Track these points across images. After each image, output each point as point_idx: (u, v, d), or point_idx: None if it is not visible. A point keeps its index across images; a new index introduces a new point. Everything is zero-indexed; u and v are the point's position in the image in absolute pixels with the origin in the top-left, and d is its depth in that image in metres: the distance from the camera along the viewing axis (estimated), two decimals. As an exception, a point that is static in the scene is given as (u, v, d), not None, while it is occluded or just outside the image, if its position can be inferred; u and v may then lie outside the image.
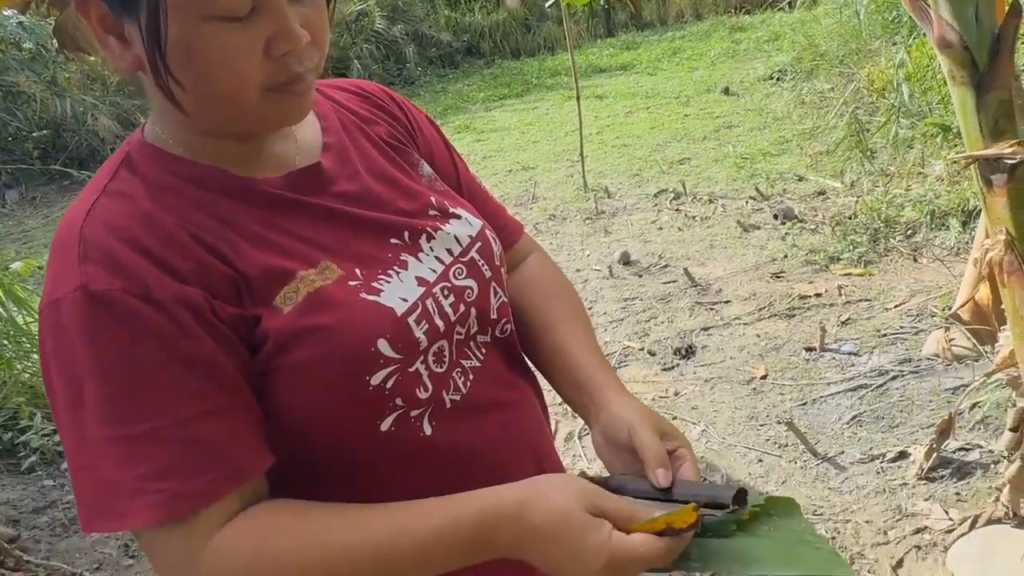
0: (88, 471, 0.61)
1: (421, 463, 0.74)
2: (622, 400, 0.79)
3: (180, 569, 0.63)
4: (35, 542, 2.41)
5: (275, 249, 0.68)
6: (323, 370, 0.66)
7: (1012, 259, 1.46)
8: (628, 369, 3.03)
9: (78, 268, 0.60)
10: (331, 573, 0.63)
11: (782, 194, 4.44)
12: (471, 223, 0.82)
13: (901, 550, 1.81)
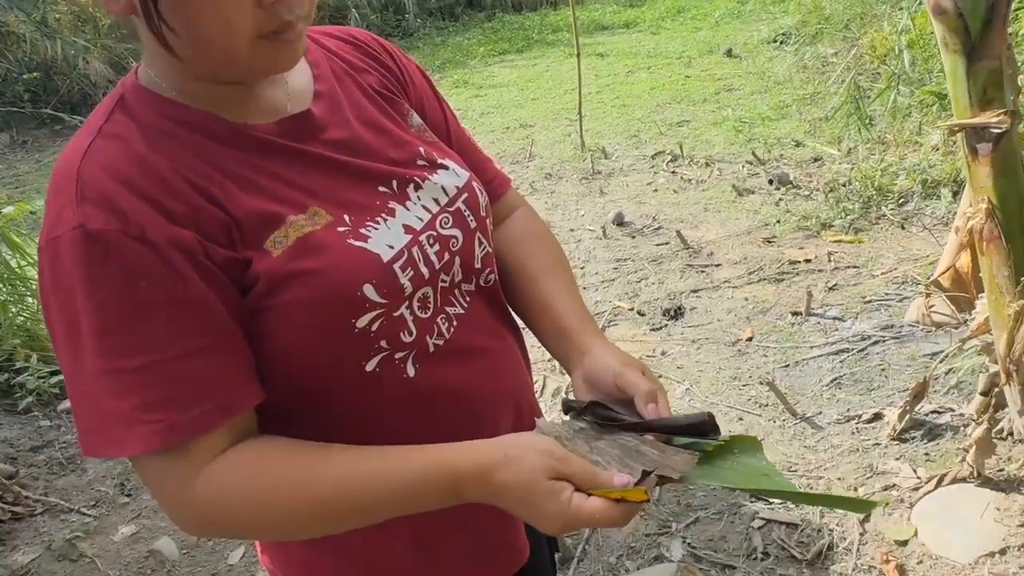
0: (86, 400, 0.65)
1: (404, 403, 0.77)
2: (604, 347, 0.83)
3: (173, 495, 0.67)
4: (33, 479, 2.47)
5: (265, 194, 0.70)
6: (310, 312, 0.69)
7: (992, 227, 1.49)
8: (617, 328, 3.08)
9: (76, 208, 0.62)
10: (315, 511, 0.68)
11: (779, 159, 4.43)
12: (458, 174, 0.84)
13: (869, 506, 1.88)
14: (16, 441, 2.66)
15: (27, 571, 2.10)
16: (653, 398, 0.74)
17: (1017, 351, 1.56)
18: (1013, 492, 1.72)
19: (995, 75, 1.39)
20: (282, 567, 0.91)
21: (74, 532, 2.21)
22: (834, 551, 1.80)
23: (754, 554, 1.84)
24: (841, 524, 1.87)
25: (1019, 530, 1.63)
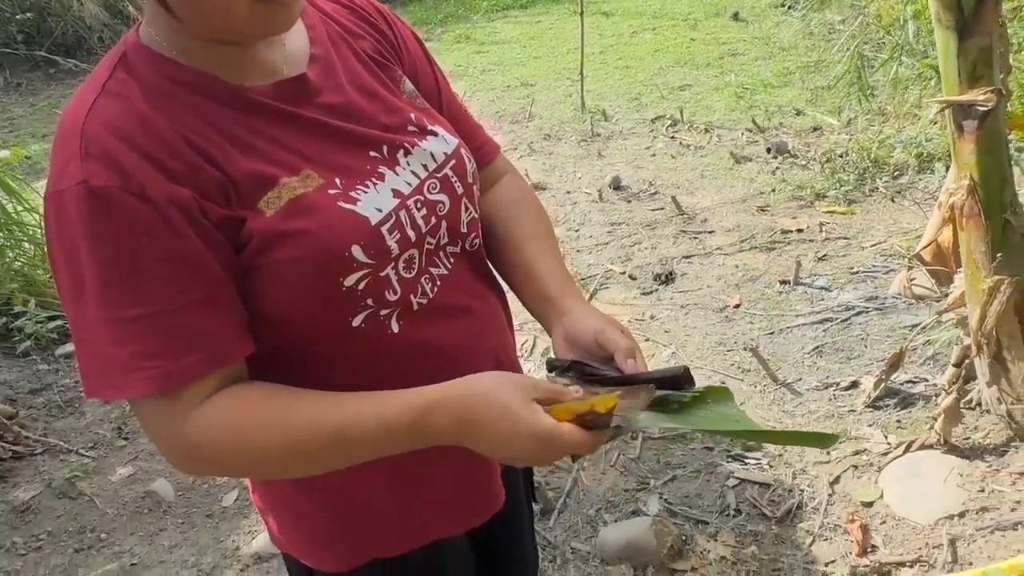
0: (89, 345, 0.69)
1: (388, 357, 0.81)
2: (585, 308, 0.88)
3: (167, 435, 0.71)
4: (32, 421, 2.54)
5: (260, 155, 0.73)
6: (301, 270, 0.72)
7: (972, 204, 1.52)
8: (608, 292, 3.12)
9: (80, 164, 0.65)
10: (291, 448, 0.72)
11: (778, 127, 4.42)
12: (447, 141, 0.87)
13: (839, 468, 1.96)
14: (15, 383, 2.72)
15: (28, 507, 2.18)
16: (632, 354, 0.79)
17: (989, 325, 1.60)
18: (976, 459, 1.79)
19: (985, 53, 1.41)
20: (271, 507, 0.97)
21: (73, 472, 2.29)
22: (803, 510, 1.87)
23: (727, 511, 1.91)
24: (812, 485, 1.94)
25: (979, 495, 1.71)
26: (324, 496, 0.90)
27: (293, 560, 1.00)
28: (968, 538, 1.65)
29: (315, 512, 0.92)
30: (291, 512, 0.95)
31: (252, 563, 1.94)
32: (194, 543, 2.03)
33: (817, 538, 1.79)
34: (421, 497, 0.91)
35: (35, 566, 1.99)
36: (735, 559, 1.75)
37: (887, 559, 1.66)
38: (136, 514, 2.15)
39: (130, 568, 1.96)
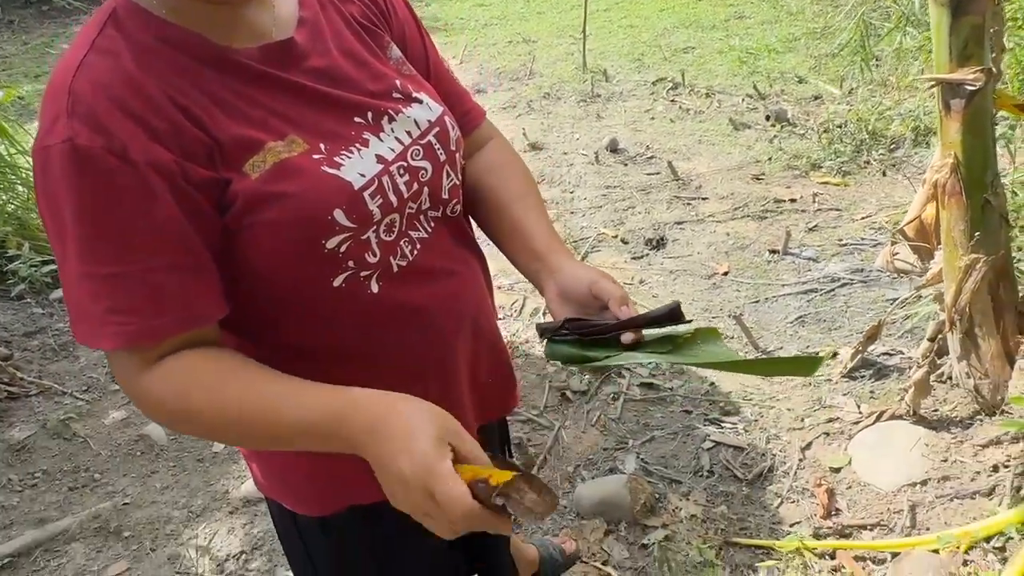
0: (72, 296, 0.72)
1: (368, 317, 0.84)
2: (575, 263, 0.90)
3: (133, 386, 0.75)
4: (27, 363, 2.58)
5: (246, 119, 0.74)
6: (284, 232, 0.74)
7: (954, 183, 1.54)
8: (599, 255, 3.15)
9: (67, 121, 0.66)
10: (222, 421, 0.73)
11: (779, 95, 4.39)
12: (432, 108, 0.88)
13: (811, 435, 2.02)
14: (10, 326, 2.76)
15: (23, 446, 2.24)
16: (625, 301, 0.83)
17: (962, 302, 1.64)
18: (943, 431, 1.84)
19: (977, 31, 1.40)
20: (254, 454, 1.01)
21: (67, 414, 2.34)
22: (774, 473, 1.94)
23: (700, 472, 1.98)
24: (784, 450, 2.01)
25: (941, 465, 1.77)
26: (301, 454, 0.94)
27: (275, 504, 1.05)
28: (928, 505, 1.72)
29: (295, 461, 0.97)
30: (273, 460, 0.99)
31: (241, 506, 2.01)
32: (185, 486, 2.10)
33: (785, 500, 1.86)
34: None
35: (30, 502, 2.06)
36: (704, 517, 1.82)
37: (849, 522, 1.73)
38: (129, 456, 2.21)
39: (122, 507, 2.03)
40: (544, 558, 1.70)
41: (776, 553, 1.69)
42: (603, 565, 1.74)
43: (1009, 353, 1.66)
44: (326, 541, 1.07)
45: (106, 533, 1.95)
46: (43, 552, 1.90)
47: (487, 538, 1.29)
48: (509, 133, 4.43)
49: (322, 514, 1.01)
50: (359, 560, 1.08)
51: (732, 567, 1.69)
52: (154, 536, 1.94)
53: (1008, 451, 1.69)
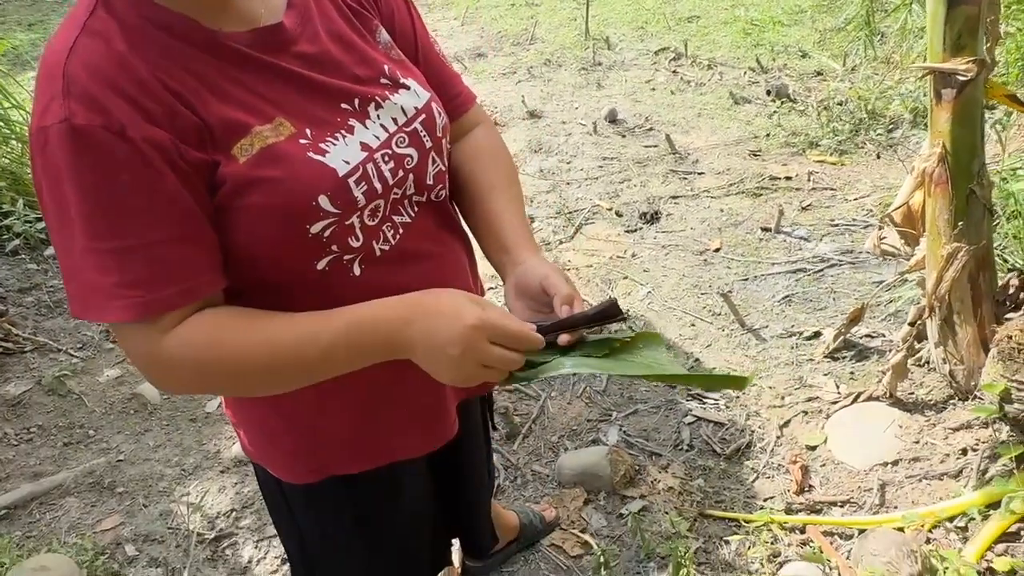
0: (74, 272, 0.74)
1: (350, 299, 0.85)
2: (536, 258, 0.92)
3: (145, 356, 0.77)
4: (22, 319, 2.61)
5: (235, 102, 0.75)
6: (269, 216, 0.76)
7: (941, 172, 1.55)
8: (593, 227, 3.16)
9: (63, 102, 0.68)
10: (266, 359, 0.77)
11: (781, 69, 4.35)
12: (419, 95, 0.89)
13: (790, 413, 2.07)
14: (4, 282, 2.77)
15: (19, 401, 2.28)
16: (570, 301, 0.84)
17: (943, 289, 1.67)
18: (917, 413, 1.89)
19: (972, 22, 1.40)
20: (242, 422, 1.05)
21: (62, 370, 2.38)
22: (751, 449, 1.99)
23: (681, 445, 2.03)
24: (763, 427, 2.06)
25: (913, 446, 1.82)
26: (289, 418, 0.97)
27: (262, 469, 1.09)
28: (897, 484, 1.77)
29: (281, 431, 1.00)
30: (260, 429, 1.02)
31: (232, 466, 2.06)
32: (178, 444, 2.15)
33: (760, 475, 1.91)
34: (378, 425, 0.99)
35: (26, 456, 2.11)
36: (682, 490, 1.88)
37: (820, 498, 1.79)
38: (123, 414, 2.25)
39: (116, 464, 2.08)
40: (524, 524, 1.75)
41: (748, 526, 1.74)
42: (581, 532, 1.80)
43: (984, 341, 1.70)
44: (309, 507, 1.11)
45: (100, 488, 2.00)
46: (39, 505, 1.95)
47: (467, 504, 1.34)
48: (508, 100, 4.39)
49: (305, 482, 1.06)
50: (341, 525, 1.13)
51: (705, 538, 1.75)
52: (147, 492, 1.99)
53: (977, 435, 1.74)
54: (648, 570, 1.68)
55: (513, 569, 1.73)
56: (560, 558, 1.75)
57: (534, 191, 3.43)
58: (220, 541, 1.85)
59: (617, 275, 2.81)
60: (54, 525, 1.90)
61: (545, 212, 3.27)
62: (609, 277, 2.80)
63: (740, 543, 1.71)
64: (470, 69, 4.98)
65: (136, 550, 1.82)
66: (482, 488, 1.34)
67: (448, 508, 1.29)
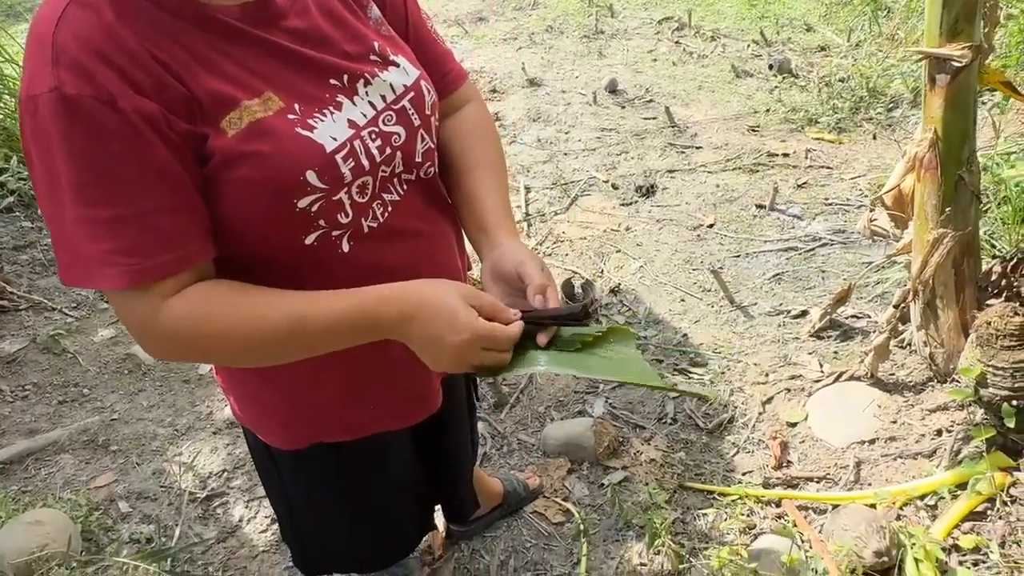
0: (66, 240, 0.74)
1: (338, 274, 0.88)
2: (514, 242, 0.93)
3: (140, 324, 0.78)
4: (16, 277, 2.62)
5: (224, 76, 0.76)
6: (257, 190, 0.77)
7: (932, 157, 1.56)
8: (589, 199, 3.16)
9: (52, 70, 0.68)
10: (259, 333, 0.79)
11: (785, 43, 4.30)
12: (408, 73, 0.89)
13: (774, 390, 2.10)
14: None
15: (14, 359, 2.31)
16: (543, 291, 0.86)
17: (927, 273, 1.69)
18: (896, 394, 1.93)
19: (969, 6, 1.39)
20: (231, 389, 1.07)
21: (57, 329, 2.40)
22: (733, 424, 2.04)
23: (664, 419, 2.07)
24: (746, 403, 2.10)
25: (891, 426, 1.86)
26: (279, 388, 1.00)
27: (251, 433, 1.12)
28: (873, 462, 1.82)
29: (270, 400, 1.03)
30: (249, 397, 1.05)
31: (224, 428, 2.10)
32: (171, 405, 2.18)
33: (741, 450, 1.96)
34: (363, 397, 1.01)
35: (22, 413, 2.14)
36: (663, 462, 1.92)
37: (798, 474, 1.83)
38: (117, 374, 2.29)
39: (110, 422, 2.12)
40: (508, 491, 1.80)
41: (725, 499, 1.79)
42: (564, 501, 1.85)
43: (965, 325, 1.72)
44: (297, 472, 1.15)
45: (94, 446, 2.04)
46: (34, 461, 2.00)
47: (450, 474, 1.38)
48: (508, 67, 4.35)
49: (293, 447, 1.09)
50: (328, 491, 1.17)
51: (684, 509, 1.80)
52: (140, 451, 2.03)
53: (953, 417, 1.77)
54: (627, 539, 1.74)
55: (496, 534, 1.78)
56: (542, 525, 1.80)
57: (531, 161, 3.43)
58: (211, 500, 1.90)
59: (610, 248, 2.82)
60: (49, 481, 1.95)
61: (541, 183, 3.27)
62: (602, 250, 2.81)
63: (716, 515, 1.75)
64: (471, 33, 4.91)
65: (129, 507, 1.87)
66: (465, 458, 1.38)
67: (432, 477, 1.33)
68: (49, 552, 1.57)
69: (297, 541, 1.29)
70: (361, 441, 1.08)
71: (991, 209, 2.21)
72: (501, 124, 3.77)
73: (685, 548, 1.67)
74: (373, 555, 1.34)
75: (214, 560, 1.75)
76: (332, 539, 1.26)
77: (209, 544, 1.78)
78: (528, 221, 3.02)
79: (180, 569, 1.71)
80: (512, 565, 1.71)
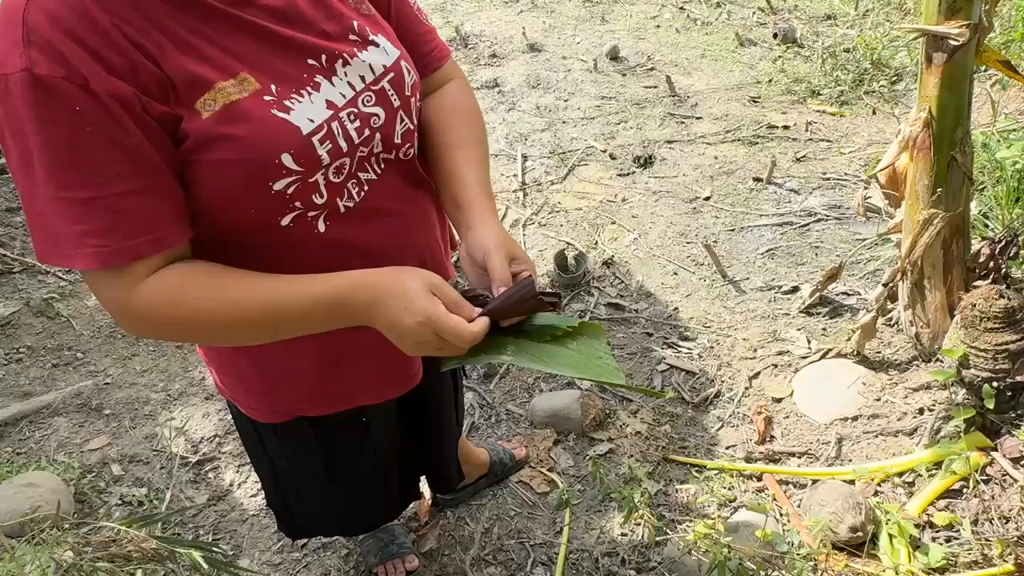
0: (40, 219, 0.75)
1: (315, 253, 0.88)
2: (487, 226, 0.92)
3: (115, 303, 0.79)
4: (10, 239, 2.62)
5: (199, 56, 0.75)
6: (232, 172, 0.77)
7: (925, 137, 1.54)
8: (586, 169, 3.14)
9: (23, 50, 0.67)
10: (229, 318, 0.80)
11: (791, 11, 4.21)
12: (388, 53, 0.87)
13: (761, 366, 2.12)
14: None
15: (7, 322, 2.32)
16: (505, 283, 0.86)
17: (916, 254, 1.68)
18: (881, 372, 1.94)
19: (969, -18, 1.36)
20: (212, 360, 1.09)
21: (50, 293, 2.41)
22: (720, 399, 2.06)
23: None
24: (733, 378, 2.11)
25: (874, 403, 1.88)
26: (258, 361, 1.01)
27: (234, 405, 1.14)
28: (854, 439, 1.84)
29: (249, 373, 1.04)
30: (230, 369, 1.06)
31: (215, 394, 2.13)
32: (163, 371, 2.21)
33: (726, 424, 1.98)
34: (342, 371, 1.02)
35: (16, 376, 2.17)
36: (648, 435, 1.95)
37: (779, 448, 1.86)
38: (110, 338, 2.30)
39: (104, 387, 2.14)
40: (494, 461, 1.83)
41: (708, 471, 1.82)
42: (549, 471, 1.88)
43: (951, 306, 1.73)
44: (280, 443, 1.17)
45: (88, 410, 2.07)
46: (28, 423, 2.03)
47: (434, 446, 1.40)
48: (508, 31, 4.27)
49: (273, 421, 1.10)
50: (312, 462, 1.19)
51: (666, 481, 1.83)
52: (133, 415, 2.06)
53: (935, 396, 1.79)
54: (608, 509, 1.77)
55: (482, 503, 1.82)
56: (527, 494, 1.83)
57: (529, 128, 3.39)
58: (203, 465, 1.93)
59: (605, 220, 2.81)
60: (43, 443, 1.98)
61: (539, 151, 3.24)
62: (597, 222, 2.80)
63: (698, 488, 1.79)
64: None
65: (122, 470, 1.90)
66: (450, 433, 1.40)
67: (416, 448, 1.35)
68: (41, 514, 1.60)
69: (281, 507, 1.32)
70: (342, 413, 1.09)
71: (986, 188, 2.19)
72: (500, 90, 3.72)
73: (664, 520, 1.70)
74: (355, 521, 1.37)
75: (204, 523, 1.79)
76: (315, 505, 1.29)
77: (200, 508, 1.82)
78: (524, 190, 3.00)
79: (171, 532, 1.75)
80: (496, 532, 1.75)
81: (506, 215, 2.88)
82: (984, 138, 2.24)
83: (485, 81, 3.78)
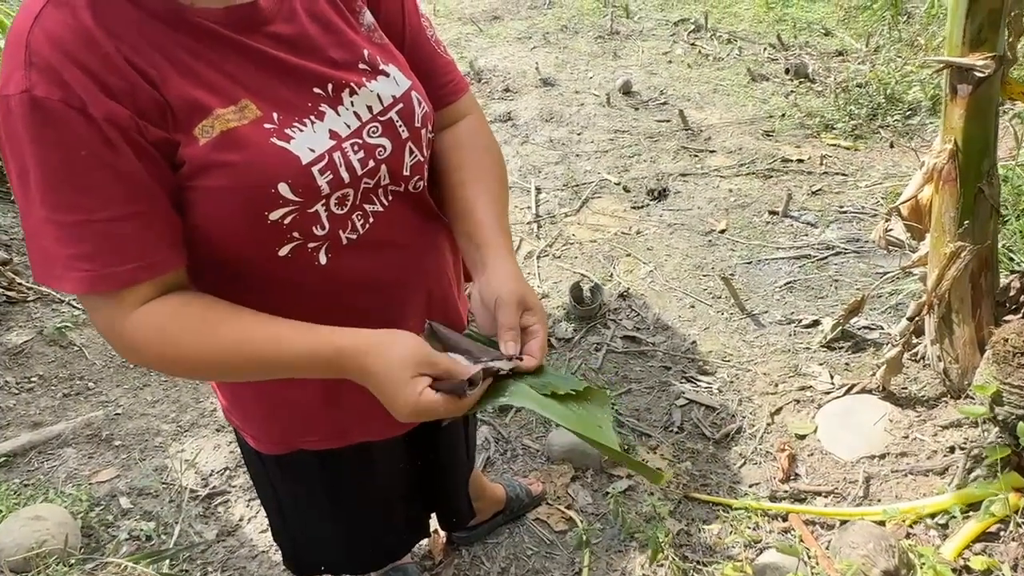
0: (35, 239, 0.74)
1: (315, 286, 0.86)
2: (501, 269, 0.89)
3: (107, 329, 0.78)
4: (25, 267, 2.63)
5: (199, 82, 0.73)
6: (228, 200, 0.75)
7: (951, 169, 1.52)
8: (600, 201, 3.13)
9: (24, 72, 0.67)
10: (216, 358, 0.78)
11: (802, 47, 4.25)
12: (398, 83, 0.85)
13: (783, 401, 2.07)
14: (10, 229, 2.79)
15: (20, 350, 2.31)
16: (514, 338, 0.84)
17: (943, 287, 1.65)
18: (908, 408, 1.89)
19: (994, 15, 1.35)
20: (220, 389, 1.06)
21: (64, 322, 2.40)
22: (741, 435, 2.01)
23: (671, 427, 2.05)
24: (754, 413, 2.07)
25: (902, 441, 1.83)
26: (261, 393, 0.98)
27: (240, 433, 1.11)
28: (882, 478, 1.78)
29: (253, 404, 1.01)
30: (235, 398, 1.04)
31: (226, 425, 2.09)
32: (175, 401, 2.18)
33: (748, 461, 1.93)
34: (342, 406, 0.99)
35: (27, 405, 2.14)
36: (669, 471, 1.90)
37: (805, 487, 1.80)
38: (122, 368, 2.28)
39: (114, 417, 2.11)
40: (511, 497, 1.78)
41: (731, 511, 1.76)
42: (567, 508, 1.83)
43: (981, 341, 1.69)
44: (284, 476, 1.14)
45: (98, 440, 2.04)
46: (37, 454, 2.00)
47: (443, 482, 1.36)
48: (522, 66, 4.32)
49: (276, 452, 1.07)
50: (315, 496, 1.15)
51: (688, 520, 1.78)
52: (143, 447, 2.03)
53: (966, 434, 1.74)
54: (629, 549, 1.71)
55: (498, 540, 1.76)
56: (544, 532, 1.78)
57: (543, 162, 3.40)
58: (212, 498, 1.89)
59: (620, 252, 2.79)
60: (52, 474, 1.94)
61: (552, 184, 3.25)
62: (612, 254, 2.78)
63: (721, 528, 1.73)
64: (485, 32, 4.89)
65: (130, 503, 1.86)
66: (460, 471, 1.36)
67: (425, 483, 1.31)
68: (47, 549, 1.56)
69: (287, 541, 1.28)
70: (345, 449, 1.06)
71: (1010, 222, 2.16)
72: (513, 123, 3.75)
73: (689, 561, 1.64)
74: (362, 557, 1.33)
75: (213, 559, 1.74)
76: (320, 540, 1.25)
77: (209, 543, 1.77)
78: (538, 222, 3.00)
79: (179, 568, 1.70)
80: (513, 572, 1.69)
81: (520, 247, 2.87)
82: (1006, 171, 2.22)
83: (499, 115, 3.81)
